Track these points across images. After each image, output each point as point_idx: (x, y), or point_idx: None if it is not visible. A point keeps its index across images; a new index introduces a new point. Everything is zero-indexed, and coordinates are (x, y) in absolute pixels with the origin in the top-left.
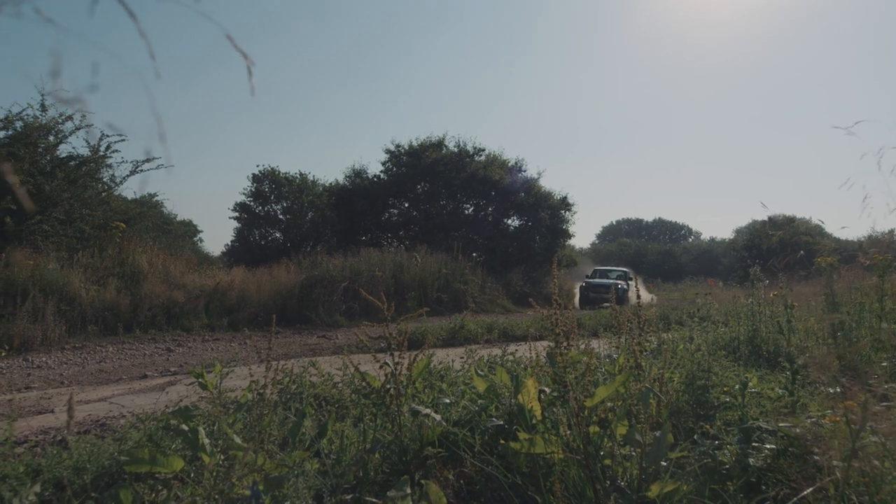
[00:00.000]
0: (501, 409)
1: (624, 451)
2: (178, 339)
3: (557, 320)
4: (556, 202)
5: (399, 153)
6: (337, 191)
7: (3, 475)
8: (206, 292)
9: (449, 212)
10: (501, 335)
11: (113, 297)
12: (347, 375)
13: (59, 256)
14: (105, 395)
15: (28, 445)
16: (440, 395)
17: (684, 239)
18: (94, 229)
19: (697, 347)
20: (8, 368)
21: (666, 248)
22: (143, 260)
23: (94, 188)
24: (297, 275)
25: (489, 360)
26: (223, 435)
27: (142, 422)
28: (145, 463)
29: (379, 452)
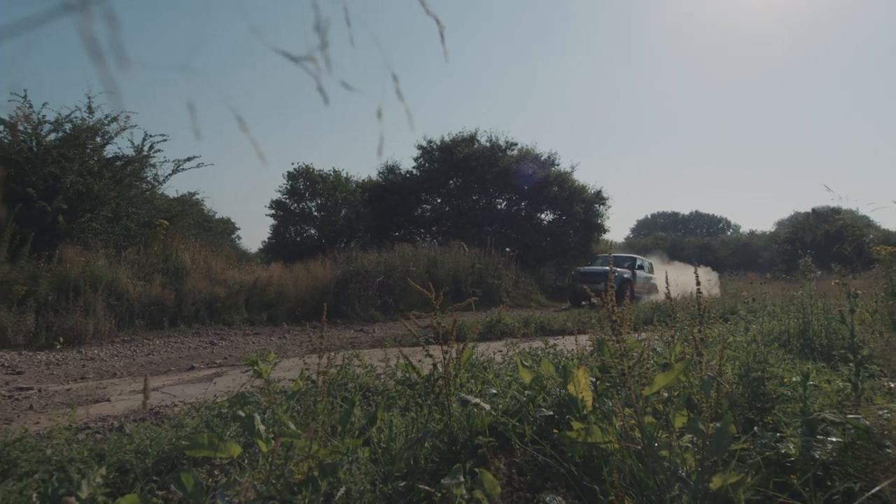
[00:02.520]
0: (549, 400)
1: (681, 443)
2: (221, 332)
3: (613, 308)
4: (591, 196)
5: (431, 149)
6: (370, 187)
7: (70, 458)
8: (245, 288)
9: (481, 207)
10: (538, 329)
11: (158, 293)
12: (390, 367)
13: (107, 253)
14: (156, 385)
15: (90, 432)
16: (486, 385)
17: (722, 232)
18: (139, 227)
19: (752, 338)
20: (63, 360)
21: (703, 241)
22: (186, 256)
23: (139, 187)
24: (332, 270)
25: (530, 352)
26: (277, 422)
27: (196, 410)
28: (205, 448)
29: (428, 441)
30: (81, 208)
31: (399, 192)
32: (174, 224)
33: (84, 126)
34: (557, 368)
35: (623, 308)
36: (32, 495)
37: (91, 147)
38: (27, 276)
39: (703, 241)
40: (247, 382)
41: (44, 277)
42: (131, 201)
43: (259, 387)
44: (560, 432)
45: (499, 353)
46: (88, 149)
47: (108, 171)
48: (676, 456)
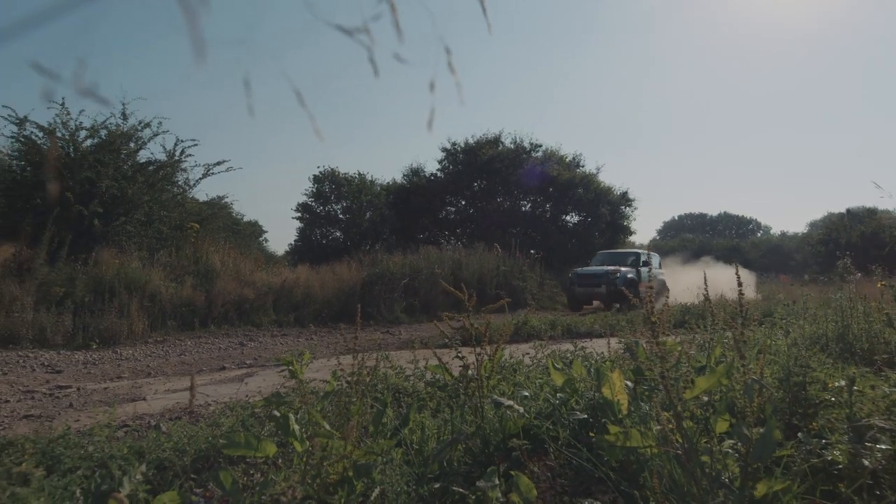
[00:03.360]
0: (582, 403)
1: (722, 448)
2: (250, 333)
3: (651, 309)
4: (616, 197)
5: (455, 151)
6: (395, 190)
7: (111, 455)
8: (273, 289)
9: (506, 209)
10: (565, 332)
11: (189, 294)
12: (419, 369)
13: (140, 256)
14: (189, 385)
15: (128, 429)
16: (517, 388)
17: (752, 234)
18: (171, 230)
19: (794, 342)
20: (100, 360)
21: (732, 243)
22: (216, 259)
23: (171, 191)
24: (358, 272)
25: (559, 354)
26: (311, 422)
27: (230, 409)
28: (241, 447)
29: (461, 443)
30: (116, 212)
31: (423, 195)
32: (204, 227)
33: (118, 132)
34: (589, 371)
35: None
36: (76, 491)
37: (125, 152)
38: (65, 278)
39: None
40: (279, 383)
41: (80, 279)
42: (163, 205)
43: (292, 387)
44: (597, 436)
45: (526, 356)
46: (123, 154)
47: (141, 176)
48: (717, 462)
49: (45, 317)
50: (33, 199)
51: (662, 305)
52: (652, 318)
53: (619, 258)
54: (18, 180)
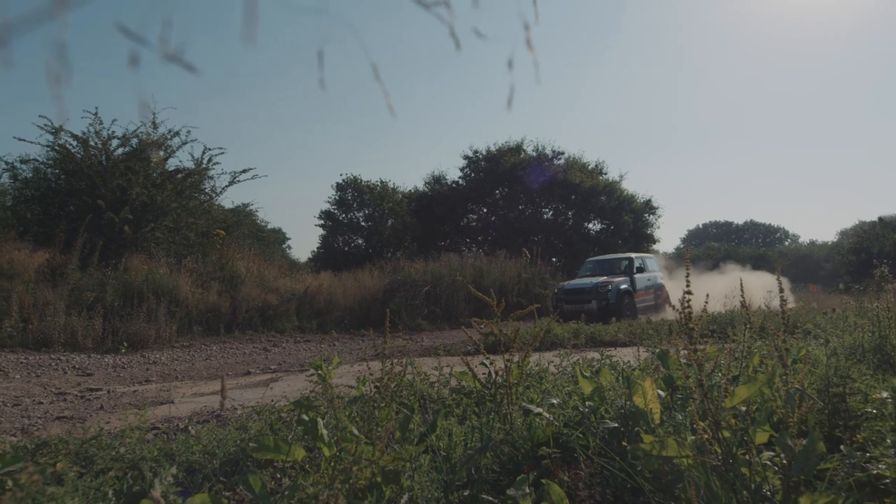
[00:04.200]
0: (612, 412)
1: (761, 460)
2: (273, 339)
3: (690, 314)
4: (640, 205)
5: (477, 159)
6: (416, 197)
7: (141, 457)
8: (296, 296)
9: (528, 216)
10: (588, 340)
11: (215, 300)
12: (443, 376)
13: (168, 262)
14: (215, 389)
15: (157, 432)
16: (546, 395)
17: (779, 242)
18: (198, 236)
19: (833, 351)
20: (128, 363)
21: (759, 252)
22: (241, 265)
23: (198, 199)
24: (380, 279)
25: (585, 363)
26: (339, 426)
27: (257, 413)
28: (270, 451)
29: (489, 451)
30: (145, 219)
31: (445, 202)
32: (230, 234)
33: (149, 140)
34: (618, 379)
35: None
36: (108, 492)
37: (155, 160)
38: (96, 284)
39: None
40: (304, 388)
41: (111, 284)
42: (191, 212)
43: (319, 391)
44: (631, 445)
45: (551, 364)
46: (152, 162)
47: (170, 184)
48: (757, 474)
49: (76, 321)
50: (67, 206)
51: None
52: (689, 324)
53: (609, 266)
54: (53, 188)
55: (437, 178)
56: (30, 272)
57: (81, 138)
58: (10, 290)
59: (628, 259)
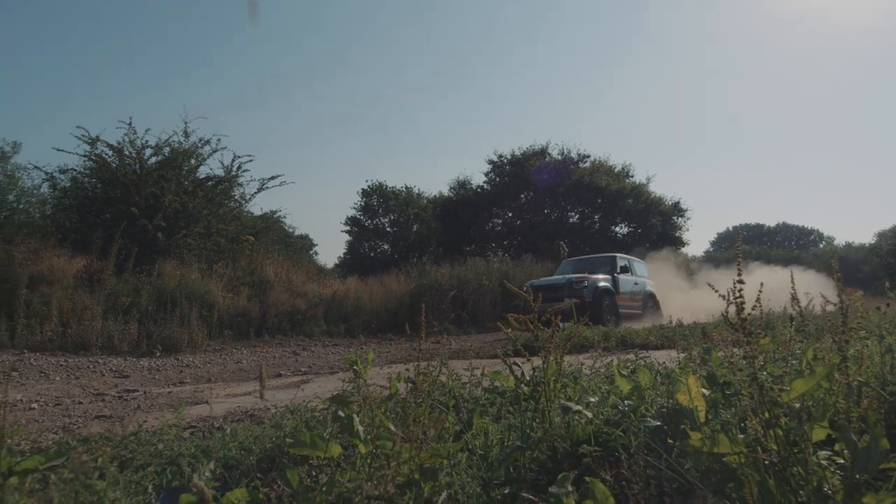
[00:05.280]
0: (652, 410)
1: (818, 458)
2: (302, 343)
3: (742, 303)
4: (668, 208)
5: (502, 163)
6: (441, 202)
7: (179, 453)
8: (324, 300)
9: (553, 220)
10: (619, 343)
11: (245, 304)
12: (475, 376)
13: (200, 267)
14: (248, 390)
15: (194, 430)
16: (583, 394)
17: (814, 245)
18: (228, 242)
19: (888, 348)
20: (163, 366)
21: (792, 254)
22: (270, 270)
23: (227, 205)
24: (406, 284)
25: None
26: (375, 423)
27: (291, 412)
28: (307, 447)
29: (527, 450)
30: (178, 225)
31: (470, 207)
32: (259, 240)
33: (181, 149)
34: (656, 378)
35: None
36: (148, 486)
37: (186, 168)
38: (131, 289)
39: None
40: (335, 388)
41: (145, 290)
42: (221, 218)
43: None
44: (680, 442)
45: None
46: (184, 170)
47: (201, 191)
48: (814, 473)
49: (112, 325)
50: (103, 213)
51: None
52: (740, 315)
53: (591, 264)
54: (90, 196)
55: (461, 182)
56: (69, 278)
57: (117, 148)
58: (51, 296)
59: (611, 258)
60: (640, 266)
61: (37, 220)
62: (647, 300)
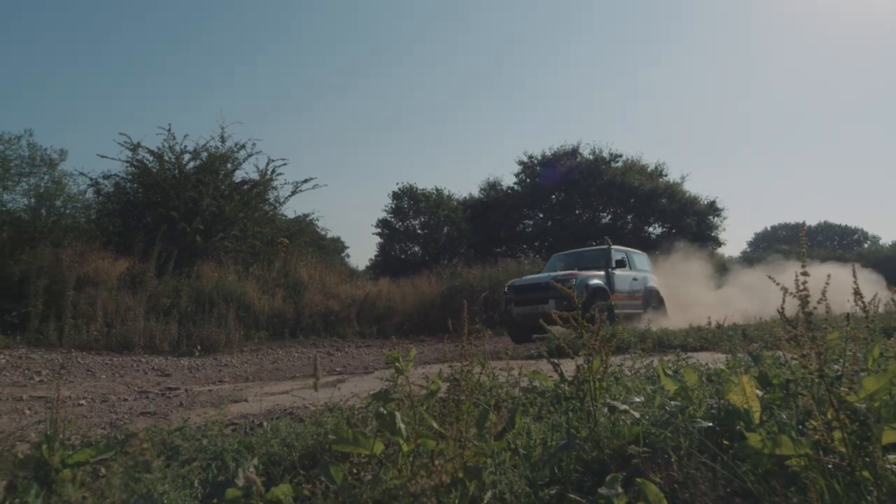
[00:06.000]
0: (701, 411)
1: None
2: (336, 344)
3: (807, 297)
4: (703, 207)
5: (532, 164)
6: (472, 204)
7: (223, 449)
8: (357, 302)
9: (585, 221)
10: (656, 345)
11: (280, 306)
12: (513, 376)
13: (236, 269)
14: (285, 389)
15: (235, 426)
16: (628, 393)
17: (858, 245)
18: (263, 245)
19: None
20: (202, 365)
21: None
22: (304, 272)
23: (262, 209)
24: (437, 286)
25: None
26: (417, 420)
27: (329, 410)
28: (349, 443)
29: (573, 450)
30: (215, 228)
31: (501, 208)
32: (293, 242)
33: (217, 154)
34: (702, 379)
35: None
36: (195, 481)
37: (223, 172)
38: (171, 290)
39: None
40: (371, 388)
41: (184, 291)
42: (256, 221)
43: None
44: (739, 443)
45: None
46: (221, 174)
47: (237, 195)
48: (884, 478)
49: (154, 325)
50: (144, 217)
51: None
52: (805, 308)
53: (582, 259)
54: (132, 201)
55: (492, 184)
56: (112, 280)
57: (157, 153)
58: (96, 297)
59: (605, 251)
60: (641, 259)
61: (82, 225)
62: (649, 297)
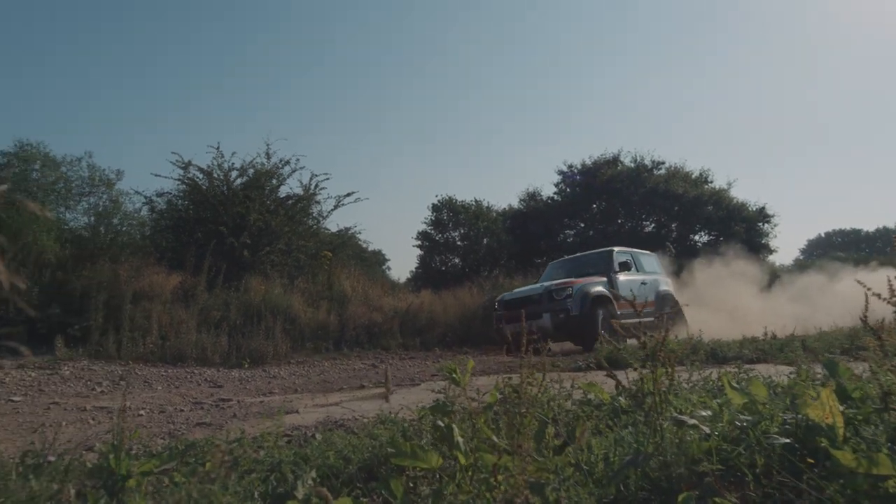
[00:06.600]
0: (774, 426)
1: None
2: (379, 356)
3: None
4: (752, 213)
5: (572, 173)
6: (511, 215)
7: (280, 460)
8: (399, 314)
9: (627, 230)
10: (709, 356)
11: (324, 318)
12: (564, 388)
13: (282, 283)
14: (335, 400)
15: (289, 438)
16: (694, 407)
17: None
18: (307, 258)
19: None
20: (252, 377)
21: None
22: (347, 285)
23: (306, 223)
24: (479, 297)
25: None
26: (476, 433)
27: (382, 423)
28: (408, 457)
29: (640, 467)
30: (262, 242)
31: (541, 219)
32: (336, 255)
33: (263, 170)
34: (771, 392)
35: None
36: (255, 492)
37: (268, 188)
38: (221, 303)
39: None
40: (420, 399)
41: (233, 304)
42: (301, 235)
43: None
44: (831, 461)
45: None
46: (266, 190)
47: (282, 209)
48: None
49: (205, 338)
50: (195, 233)
51: None
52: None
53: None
54: (183, 217)
55: (531, 194)
56: (166, 294)
57: (206, 171)
58: (151, 310)
59: (606, 253)
60: (650, 260)
61: (138, 241)
62: (661, 303)
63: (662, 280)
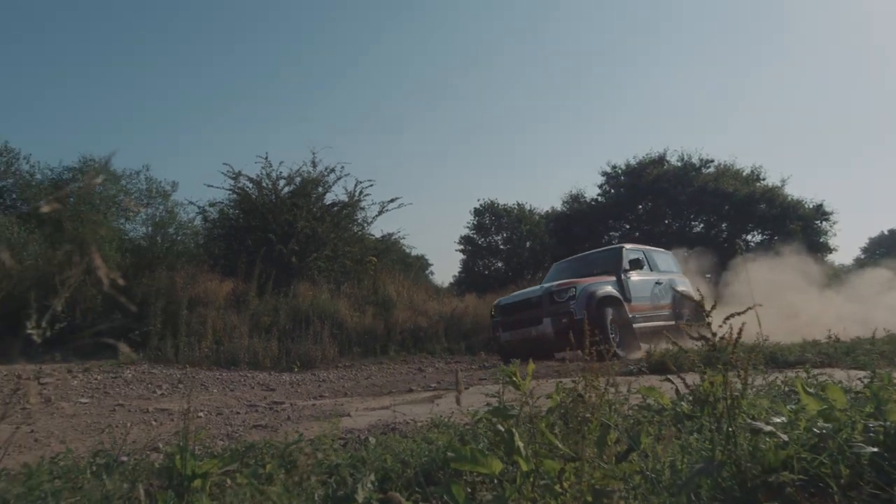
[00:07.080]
0: (857, 434)
1: None
2: (425, 360)
3: None
4: (809, 211)
5: (616, 174)
6: (554, 217)
7: (338, 463)
8: (444, 318)
9: (675, 231)
10: (768, 360)
11: (370, 323)
12: (620, 393)
13: (329, 288)
14: (385, 404)
15: (343, 441)
16: (767, 413)
17: None
18: (353, 264)
19: None
20: (302, 381)
21: None
22: (392, 290)
23: (351, 229)
24: None
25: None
26: (539, 438)
27: (436, 426)
28: (468, 461)
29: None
30: (309, 249)
31: (584, 221)
32: (380, 261)
33: (310, 178)
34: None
35: None
36: (315, 495)
37: (315, 196)
38: (271, 309)
39: None
40: (470, 403)
41: (283, 309)
42: (346, 241)
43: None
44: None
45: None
46: (313, 197)
47: (328, 216)
48: None
49: (257, 343)
50: (246, 241)
51: None
52: None
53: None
54: (234, 226)
55: (574, 196)
56: (220, 300)
57: (256, 180)
58: (206, 316)
59: (616, 251)
60: (664, 258)
61: (192, 250)
62: (678, 305)
63: (679, 280)
